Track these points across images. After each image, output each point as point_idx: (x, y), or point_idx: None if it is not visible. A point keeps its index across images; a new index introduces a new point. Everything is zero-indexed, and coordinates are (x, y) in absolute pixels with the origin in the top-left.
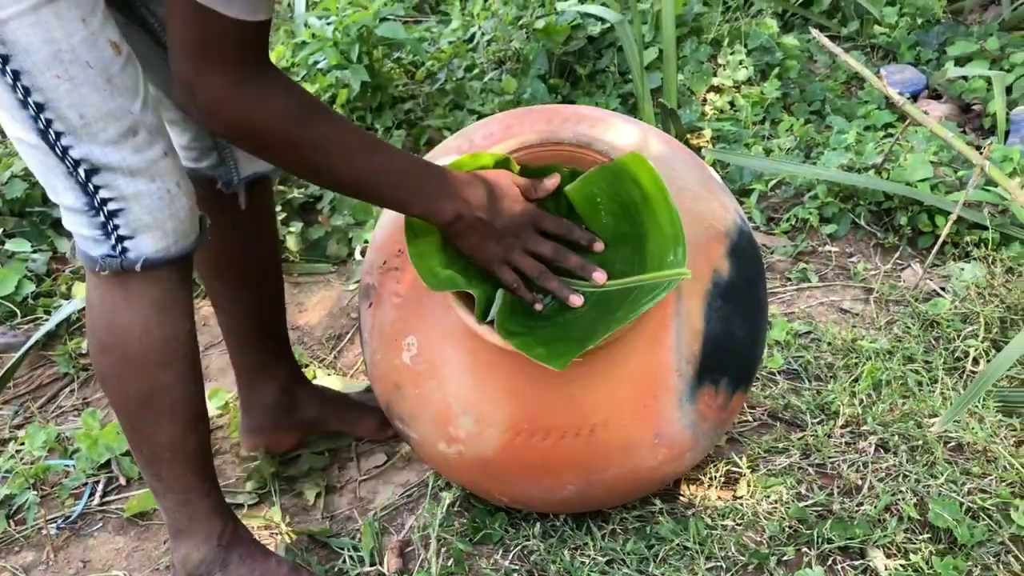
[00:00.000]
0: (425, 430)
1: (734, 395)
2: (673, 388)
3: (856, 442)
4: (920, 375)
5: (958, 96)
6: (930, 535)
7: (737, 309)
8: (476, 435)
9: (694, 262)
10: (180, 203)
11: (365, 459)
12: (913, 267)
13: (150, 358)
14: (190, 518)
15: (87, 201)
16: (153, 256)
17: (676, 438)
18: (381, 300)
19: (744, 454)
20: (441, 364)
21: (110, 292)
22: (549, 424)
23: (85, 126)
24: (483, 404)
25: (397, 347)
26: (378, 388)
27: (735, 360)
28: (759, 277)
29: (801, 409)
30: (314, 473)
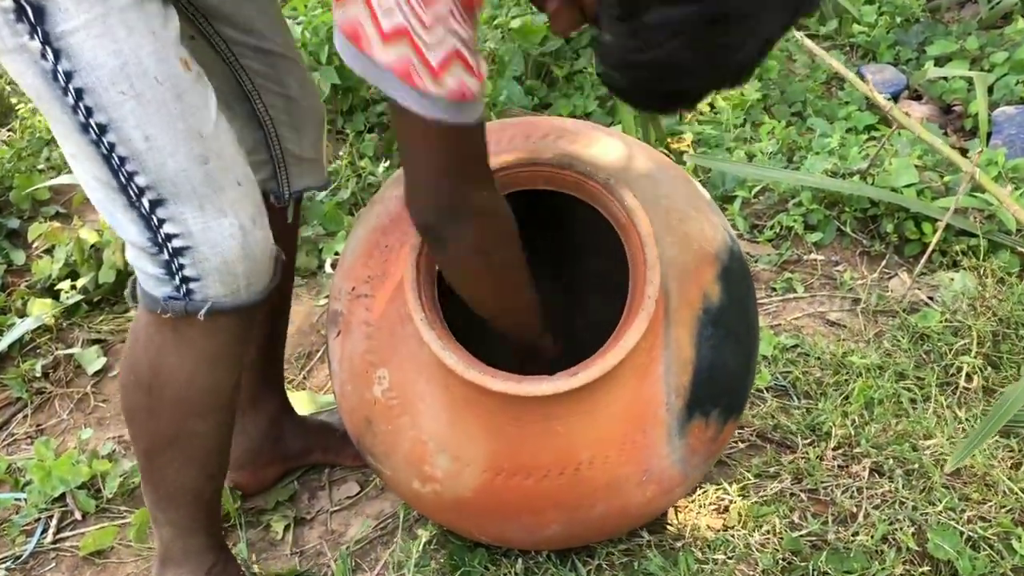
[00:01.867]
0: (398, 468)
1: (725, 425)
2: (662, 423)
3: (849, 465)
4: (913, 393)
5: (939, 97)
6: (930, 567)
7: (729, 335)
8: (453, 474)
9: (683, 288)
10: (254, 240)
11: (337, 488)
12: (900, 276)
13: (189, 406)
14: (184, 552)
15: (151, 236)
16: (221, 301)
17: (665, 474)
18: (350, 329)
19: (734, 479)
20: (415, 399)
21: (161, 332)
22: (531, 463)
23: (151, 150)
24: (460, 442)
25: (367, 380)
26: (348, 421)
27: (727, 389)
28: (750, 299)
29: (791, 429)
30: (282, 504)
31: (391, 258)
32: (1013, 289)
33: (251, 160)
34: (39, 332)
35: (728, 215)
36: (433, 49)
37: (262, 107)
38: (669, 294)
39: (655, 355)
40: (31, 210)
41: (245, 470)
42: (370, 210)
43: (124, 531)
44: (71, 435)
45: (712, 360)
